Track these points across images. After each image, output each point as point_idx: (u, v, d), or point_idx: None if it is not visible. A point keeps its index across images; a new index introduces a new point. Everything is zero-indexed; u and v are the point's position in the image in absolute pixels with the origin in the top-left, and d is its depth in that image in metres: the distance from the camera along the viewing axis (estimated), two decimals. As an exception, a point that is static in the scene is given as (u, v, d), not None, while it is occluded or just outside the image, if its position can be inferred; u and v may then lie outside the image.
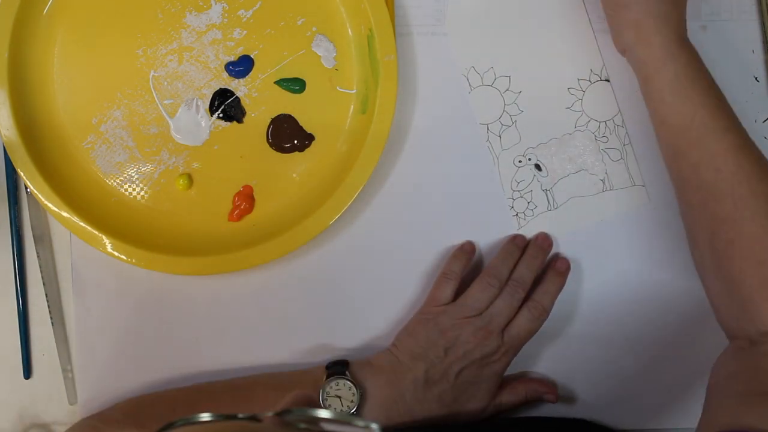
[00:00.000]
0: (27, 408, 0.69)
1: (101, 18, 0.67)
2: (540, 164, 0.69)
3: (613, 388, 0.70)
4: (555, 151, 0.69)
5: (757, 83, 0.70)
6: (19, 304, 0.68)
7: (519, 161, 0.69)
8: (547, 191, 0.69)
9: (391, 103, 0.66)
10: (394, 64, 0.66)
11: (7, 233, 0.68)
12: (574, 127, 0.69)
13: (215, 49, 0.68)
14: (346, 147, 0.68)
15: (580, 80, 0.69)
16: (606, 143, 0.69)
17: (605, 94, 0.69)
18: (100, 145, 0.68)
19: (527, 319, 0.65)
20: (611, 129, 0.69)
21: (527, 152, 0.69)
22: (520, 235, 0.69)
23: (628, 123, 0.69)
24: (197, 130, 0.68)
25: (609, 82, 0.69)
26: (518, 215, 0.69)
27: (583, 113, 0.69)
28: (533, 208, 0.69)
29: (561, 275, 0.68)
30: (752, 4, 0.70)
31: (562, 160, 0.69)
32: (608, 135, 0.69)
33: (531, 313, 0.65)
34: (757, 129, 0.70)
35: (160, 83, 0.68)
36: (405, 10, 0.69)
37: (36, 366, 0.69)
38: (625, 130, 0.69)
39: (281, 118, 0.68)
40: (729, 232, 0.57)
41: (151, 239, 0.66)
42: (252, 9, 0.68)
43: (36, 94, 0.67)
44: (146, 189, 0.68)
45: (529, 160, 0.69)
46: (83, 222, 0.65)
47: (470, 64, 0.69)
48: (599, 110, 0.69)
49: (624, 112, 0.69)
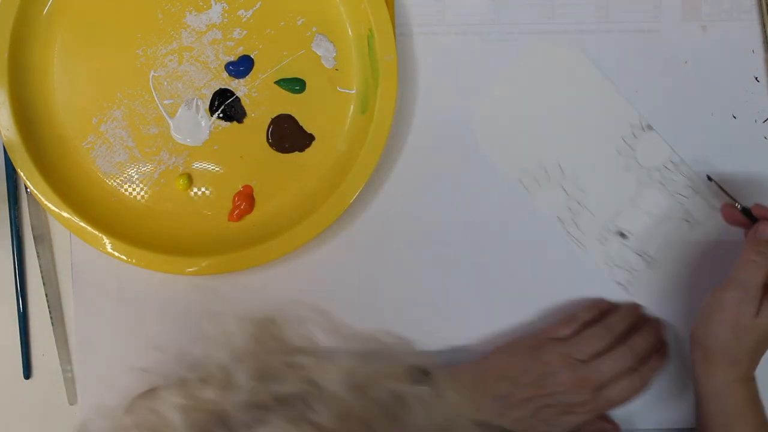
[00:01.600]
0: (27, 408, 0.69)
1: (101, 18, 0.67)
2: (623, 231, 0.69)
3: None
4: (632, 214, 0.69)
5: (757, 83, 0.70)
6: (19, 304, 0.68)
7: (604, 237, 0.69)
8: (641, 254, 0.69)
9: (391, 103, 0.66)
10: (394, 64, 0.66)
11: (7, 233, 0.68)
12: (638, 183, 0.69)
13: (215, 49, 0.68)
14: (346, 147, 0.68)
15: (624, 138, 0.69)
16: (674, 186, 0.69)
17: (653, 141, 0.69)
18: (100, 145, 0.68)
19: (627, 389, 0.64)
20: (672, 170, 0.69)
21: (607, 225, 0.69)
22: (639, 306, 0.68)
23: (686, 159, 0.69)
24: (197, 130, 0.68)
25: (652, 129, 0.69)
26: (622, 284, 0.69)
27: (640, 167, 0.69)
28: (633, 272, 0.69)
29: (664, 356, 0.67)
30: (752, 4, 0.70)
31: (642, 218, 0.69)
32: (673, 177, 0.69)
33: (632, 384, 0.64)
34: (757, 129, 0.70)
35: (160, 83, 0.68)
36: (405, 10, 0.69)
37: (36, 366, 0.69)
38: (687, 165, 0.69)
39: (281, 118, 0.68)
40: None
41: (151, 239, 0.66)
42: (252, 9, 0.68)
43: (36, 94, 0.67)
44: (146, 189, 0.68)
45: (610, 230, 0.69)
46: (83, 222, 0.65)
47: (519, 175, 0.69)
48: (653, 157, 0.69)
49: (678, 150, 0.69)
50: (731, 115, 0.70)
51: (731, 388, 0.62)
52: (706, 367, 0.63)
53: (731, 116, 0.70)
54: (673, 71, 0.70)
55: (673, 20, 0.70)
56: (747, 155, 0.70)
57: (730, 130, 0.70)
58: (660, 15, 0.70)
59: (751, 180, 0.70)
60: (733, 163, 0.69)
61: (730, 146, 0.70)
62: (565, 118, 0.70)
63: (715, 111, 0.70)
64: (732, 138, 0.70)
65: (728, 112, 0.70)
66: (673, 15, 0.70)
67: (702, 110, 0.70)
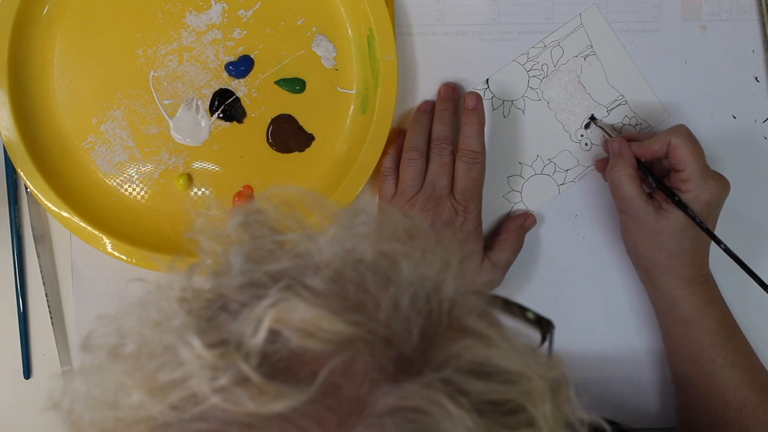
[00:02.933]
0: (27, 408, 0.69)
1: (101, 18, 0.67)
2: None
3: (612, 387, 0.70)
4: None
5: (757, 83, 0.70)
6: (19, 304, 0.68)
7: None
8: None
9: (391, 103, 0.66)
10: (394, 64, 0.66)
11: (7, 233, 0.68)
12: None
13: (215, 49, 0.68)
14: (346, 147, 0.68)
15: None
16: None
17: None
18: (100, 145, 0.68)
19: (464, 169, 0.64)
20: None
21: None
22: (425, 100, 0.68)
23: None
24: (197, 130, 0.68)
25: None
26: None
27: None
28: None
29: (475, 111, 0.66)
30: (752, 4, 0.70)
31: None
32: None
33: (464, 162, 0.64)
34: (757, 129, 0.70)
35: (160, 83, 0.68)
36: (405, 10, 0.69)
37: (36, 366, 0.69)
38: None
39: (281, 118, 0.68)
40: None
41: (151, 239, 0.66)
42: (252, 9, 0.68)
43: (36, 94, 0.67)
44: (146, 189, 0.68)
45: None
46: (83, 222, 0.65)
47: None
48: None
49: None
50: (731, 115, 0.70)
51: (679, 295, 0.63)
52: (649, 281, 0.65)
53: (731, 116, 0.70)
54: (673, 71, 0.70)
55: (673, 20, 0.70)
56: (747, 155, 0.70)
57: (730, 130, 0.70)
58: (660, 15, 0.70)
59: (751, 180, 0.70)
60: (733, 163, 0.69)
61: (730, 146, 0.70)
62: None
63: (715, 111, 0.70)
64: (732, 138, 0.70)
65: (728, 112, 0.70)
66: (673, 15, 0.70)
67: (702, 110, 0.70)
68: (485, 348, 0.32)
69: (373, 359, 0.31)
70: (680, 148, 0.61)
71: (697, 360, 0.63)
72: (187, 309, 0.34)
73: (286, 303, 0.32)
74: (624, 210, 0.64)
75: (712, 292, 0.64)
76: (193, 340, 0.32)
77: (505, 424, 0.31)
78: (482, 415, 0.31)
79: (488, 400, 0.31)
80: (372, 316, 0.32)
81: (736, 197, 0.64)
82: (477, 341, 0.32)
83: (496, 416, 0.31)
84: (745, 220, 0.70)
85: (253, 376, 0.30)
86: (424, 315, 0.33)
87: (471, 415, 0.30)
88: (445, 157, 0.65)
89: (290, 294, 0.32)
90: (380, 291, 0.33)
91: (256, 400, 0.30)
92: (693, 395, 0.64)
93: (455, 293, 0.34)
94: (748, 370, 0.63)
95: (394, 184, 0.66)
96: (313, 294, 0.32)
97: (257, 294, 0.33)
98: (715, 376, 0.62)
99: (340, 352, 0.31)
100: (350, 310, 0.32)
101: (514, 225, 0.68)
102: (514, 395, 0.32)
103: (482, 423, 0.30)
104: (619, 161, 0.63)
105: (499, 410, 0.31)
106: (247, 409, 0.30)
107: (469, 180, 0.64)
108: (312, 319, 0.31)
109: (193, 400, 0.31)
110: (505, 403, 0.32)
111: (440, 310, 0.33)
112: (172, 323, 0.34)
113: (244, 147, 0.68)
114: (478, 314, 0.34)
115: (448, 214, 0.63)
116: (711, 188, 0.61)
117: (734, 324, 0.64)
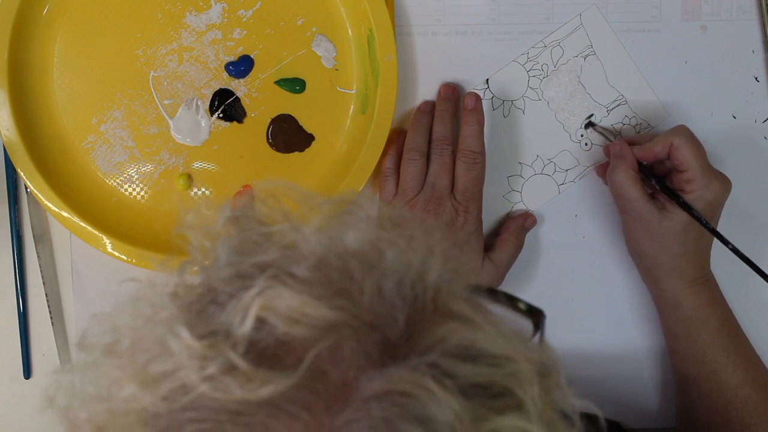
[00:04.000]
0: (27, 408, 0.69)
1: (101, 18, 0.67)
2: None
3: (612, 387, 0.70)
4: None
5: (757, 83, 0.70)
6: (19, 304, 0.68)
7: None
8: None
9: (391, 103, 0.66)
10: (394, 64, 0.66)
11: (7, 233, 0.68)
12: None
13: (215, 49, 0.68)
14: (346, 147, 0.68)
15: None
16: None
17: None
18: (100, 145, 0.68)
19: (464, 169, 0.64)
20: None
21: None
22: (425, 101, 0.69)
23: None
24: (197, 130, 0.68)
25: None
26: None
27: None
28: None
29: (474, 111, 0.66)
30: (752, 4, 0.70)
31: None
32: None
33: (464, 162, 0.64)
34: (757, 129, 0.70)
35: (160, 83, 0.68)
36: (405, 10, 0.69)
37: (36, 366, 0.69)
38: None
39: (281, 118, 0.68)
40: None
41: (151, 239, 0.66)
42: (252, 9, 0.68)
43: (36, 94, 0.67)
44: (146, 189, 0.68)
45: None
46: (83, 222, 0.65)
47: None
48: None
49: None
50: (731, 115, 0.70)
51: (683, 295, 0.63)
52: (652, 281, 0.65)
53: (731, 116, 0.70)
54: (673, 71, 0.70)
55: (673, 20, 0.70)
56: (747, 155, 0.70)
57: (730, 130, 0.70)
58: (660, 15, 0.70)
59: (752, 180, 0.70)
60: (733, 163, 0.69)
61: (730, 146, 0.70)
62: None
63: (715, 111, 0.70)
64: (732, 138, 0.70)
65: (728, 112, 0.70)
66: (673, 15, 0.70)
67: (702, 110, 0.70)
68: (471, 331, 0.32)
69: (359, 344, 0.31)
70: (682, 148, 0.61)
71: (700, 359, 0.63)
72: (178, 303, 0.35)
73: (272, 291, 0.32)
74: (626, 211, 0.64)
75: (714, 291, 0.64)
76: (182, 331, 0.32)
77: (492, 407, 0.31)
78: (469, 398, 0.31)
79: (475, 383, 0.31)
80: (356, 301, 0.33)
81: (736, 197, 0.64)
82: (462, 325, 0.33)
83: (483, 399, 0.31)
84: (745, 221, 0.69)
85: (241, 363, 0.31)
86: (410, 301, 0.33)
87: (457, 398, 0.30)
88: (446, 157, 0.65)
89: (276, 282, 0.32)
90: (364, 277, 0.33)
91: (244, 388, 0.30)
92: (695, 394, 0.64)
93: (440, 280, 0.34)
94: (749, 368, 0.63)
95: (394, 184, 0.67)
96: (298, 281, 0.33)
97: (245, 285, 0.33)
98: (717, 375, 0.62)
99: (326, 338, 0.31)
100: (335, 295, 0.32)
101: (514, 225, 0.68)
102: (500, 378, 0.32)
103: (469, 406, 0.31)
104: (620, 163, 0.63)
105: (486, 393, 0.32)
106: (236, 396, 0.30)
107: (469, 180, 0.64)
108: (297, 305, 0.32)
109: (182, 390, 0.31)
110: (492, 386, 0.32)
111: (425, 296, 0.33)
112: (161, 316, 0.34)
113: (244, 147, 0.68)
114: (464, 299, 0.34)
115: (449, 215, 0.64)
116: (714, 188, 0.61)
117: (736, 323, 0.65)
